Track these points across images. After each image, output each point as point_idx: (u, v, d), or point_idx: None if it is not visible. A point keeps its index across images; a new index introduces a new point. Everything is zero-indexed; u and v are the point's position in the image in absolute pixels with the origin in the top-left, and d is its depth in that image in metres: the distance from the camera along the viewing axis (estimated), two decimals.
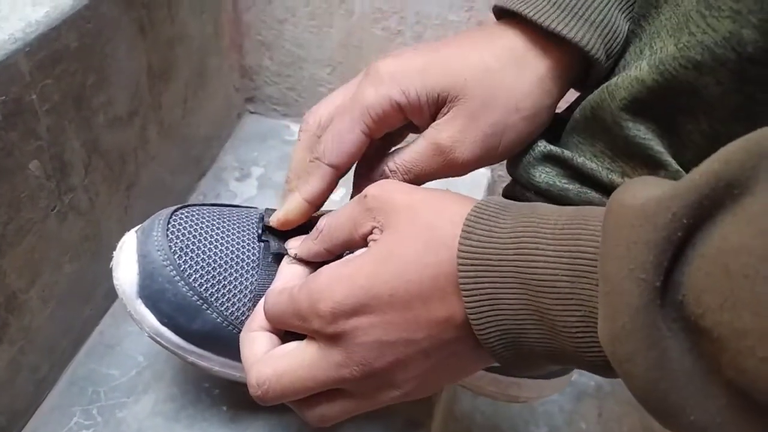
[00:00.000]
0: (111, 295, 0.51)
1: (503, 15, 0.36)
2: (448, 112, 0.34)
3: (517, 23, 0.35)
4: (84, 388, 0.46)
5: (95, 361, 0.47)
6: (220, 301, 0.38)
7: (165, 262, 0.37)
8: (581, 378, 0.74)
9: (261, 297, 0.38)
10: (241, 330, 0.38)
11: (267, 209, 0.41)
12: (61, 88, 0.41)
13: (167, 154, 0.55)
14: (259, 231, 0.40)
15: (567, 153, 0.36)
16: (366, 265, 0.29)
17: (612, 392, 0.74)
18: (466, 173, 0.36)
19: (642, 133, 0.31)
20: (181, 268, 0.37)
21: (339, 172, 0.36)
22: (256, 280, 0.39)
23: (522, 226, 0.27)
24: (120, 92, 0.47)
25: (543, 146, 0.37)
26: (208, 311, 0.38)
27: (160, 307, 0.38)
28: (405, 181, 0.36)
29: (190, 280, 0.38)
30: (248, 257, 0.40)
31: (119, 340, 0.49)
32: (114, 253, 0.39)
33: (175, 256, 0.38)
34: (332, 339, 0.30)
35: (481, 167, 0.36)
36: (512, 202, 0.29)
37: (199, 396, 0.46)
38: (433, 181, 0.37)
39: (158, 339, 0.39)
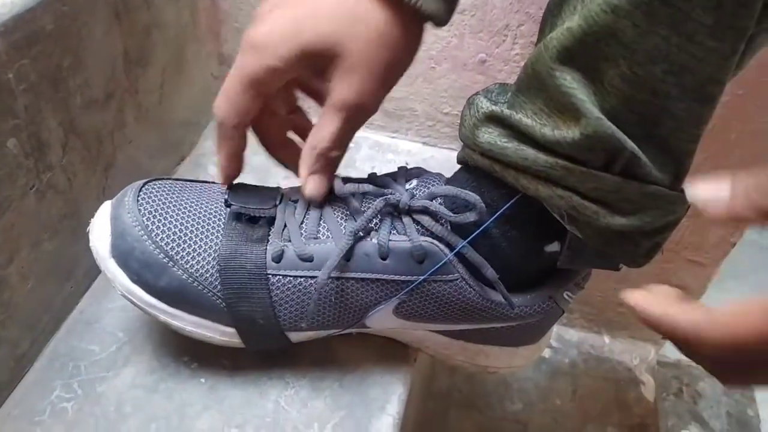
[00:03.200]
0: (91, 273, 0.52)
1: None
2: (333, 71, 0.37)
3: None
4: (65, 364, 0.47)
5: (76, 337, 0.49)
6: (185, 259, 0.40)
7: (134, 223, 0.40)
8: (556, 356, 0.75)
9: (224, 258, 0.41)
10: (207, 288, 0.41)
11: (234, 183, 0.45)
12: (37, 69, 0.42)
13: (145, 138, 0.57)
14: (226, 196, 0.43)
15: (506, 111, 0.38)
16: None
17: (586, 369, 0.76)
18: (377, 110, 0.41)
19: (567, 82, 0.33)
20: (149, 228, 0.40)
21: (241, 130, 0.41)
22: (220, 241, 0.41)
23: None
24: (96, 75, 0.48)
25: (486, 107, 0.39)
26: (174, 268, 0.40)
27: (129, 264, 0.41)
28: (333, 149, 0.40)
29: (157, 239, 0.40)
30: (214, 221, 0.42)
31: (99, 317, 0.50)
32: (92, 220, 0.42)
33: (143, 218, 0.40)
34: None
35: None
36: None
37: (178, 369, 0.47)
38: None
39: (130, 297, 0.42)
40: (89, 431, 0.43)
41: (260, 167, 0.65)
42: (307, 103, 0.47)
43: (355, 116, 0.39)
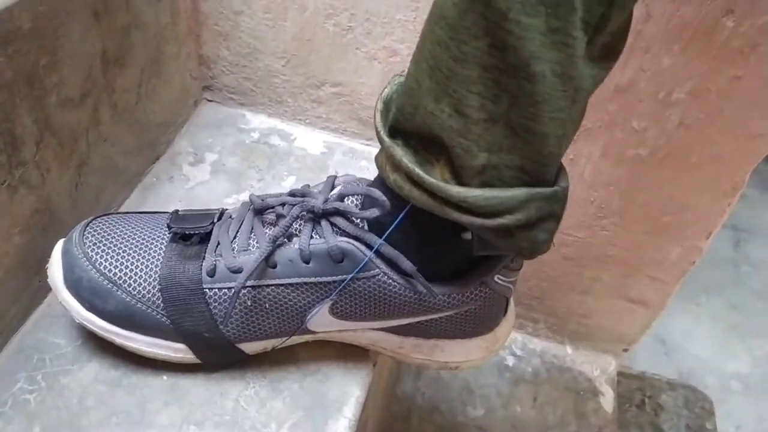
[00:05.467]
0: None
1: None
2: None
3: None
4: (30, 356, 0.48)
5: (43, 330, 0.49)
6: (127, 282, 0.44)
7: (79, 255, 0.44)
8: (519, 364, 0.77)
9: (164, 277, 0.44)
10: (151, 307, 0.44)
11: (177, 210, 0.48)
12: (13, 67, 0.43)
13: (120, 137, 0.57)
14: (168, 220, 0.46)
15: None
16: None
17: (548, 378, 0.77)
18: None
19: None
20: (92, 258, 0.44)
21: None
22: (161, 261, 0.44)
23: None
24: (73, 74, 0.49)
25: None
26: (118, 292, 0.44)
27: (80, 293, 0.44)
28: None
29: (100, 267, 0.44)
30: (157, 245, 0.45)
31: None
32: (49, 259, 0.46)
33: (87, 249, 0.44)
34: None
35: None
36: None
37: (141, 365, 0.48)
38: None
39: (86, 324, 0.45)
40: (51, 423, 0.44)
41: (235, 170, 0.67)
42: None
43: None
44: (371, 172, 0.70)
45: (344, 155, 0.71)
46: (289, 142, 0.71)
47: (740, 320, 1.23)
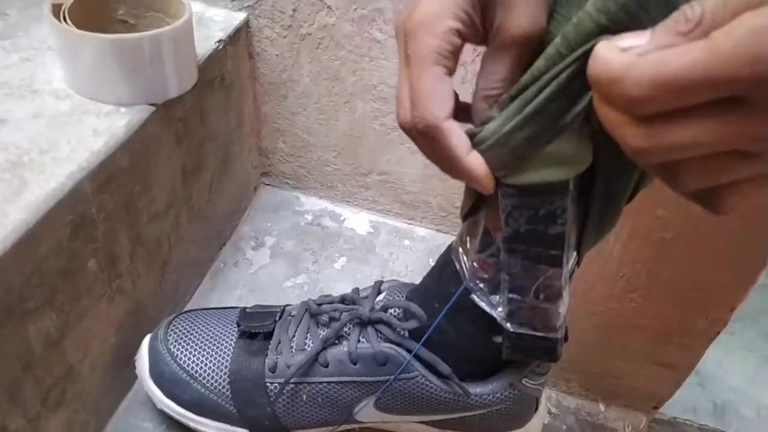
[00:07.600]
0: None
1: None
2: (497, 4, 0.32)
3: None
4: None
5: (132, 415, 0.57)
6: (202, 376, 0.51)
7: (163, 351, 0.52)
8: (554, 421, 0.82)
9: (233, 372, 0.51)
10: (221, 398, 0.51)
11: (246, 307, 0.56)
12: (114, 200, 0.50)
13: (194, 234, 0.65)
14: (238, 318, 0.54)
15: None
16: None
17: None
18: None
19: None
20: (174, 354, 0.52)
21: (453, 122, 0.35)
22: (230, 357, 0.51)
23: None
24: (159, 192, 0.57)
25: None
26: (194, 384, 0.51)
27: (162, 384, 0.52)
28: (504, 92, 0.32)
29: (180, 362, 0.51)
30: (226, 340, 0.53)
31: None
32: (138, 351, 0.54)
33: (170, 346, 0.52)
34: None
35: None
36: None
37: None
38: None
39: (166, 410, 0.52)
40: None
41: (291, 253, 0.73)
42: None
43: (525, 52, 0.32)
44: (414, 251, 0.77)
45: (389, 234, 0.77)
46: (339, 223, 0.78)
47: None
